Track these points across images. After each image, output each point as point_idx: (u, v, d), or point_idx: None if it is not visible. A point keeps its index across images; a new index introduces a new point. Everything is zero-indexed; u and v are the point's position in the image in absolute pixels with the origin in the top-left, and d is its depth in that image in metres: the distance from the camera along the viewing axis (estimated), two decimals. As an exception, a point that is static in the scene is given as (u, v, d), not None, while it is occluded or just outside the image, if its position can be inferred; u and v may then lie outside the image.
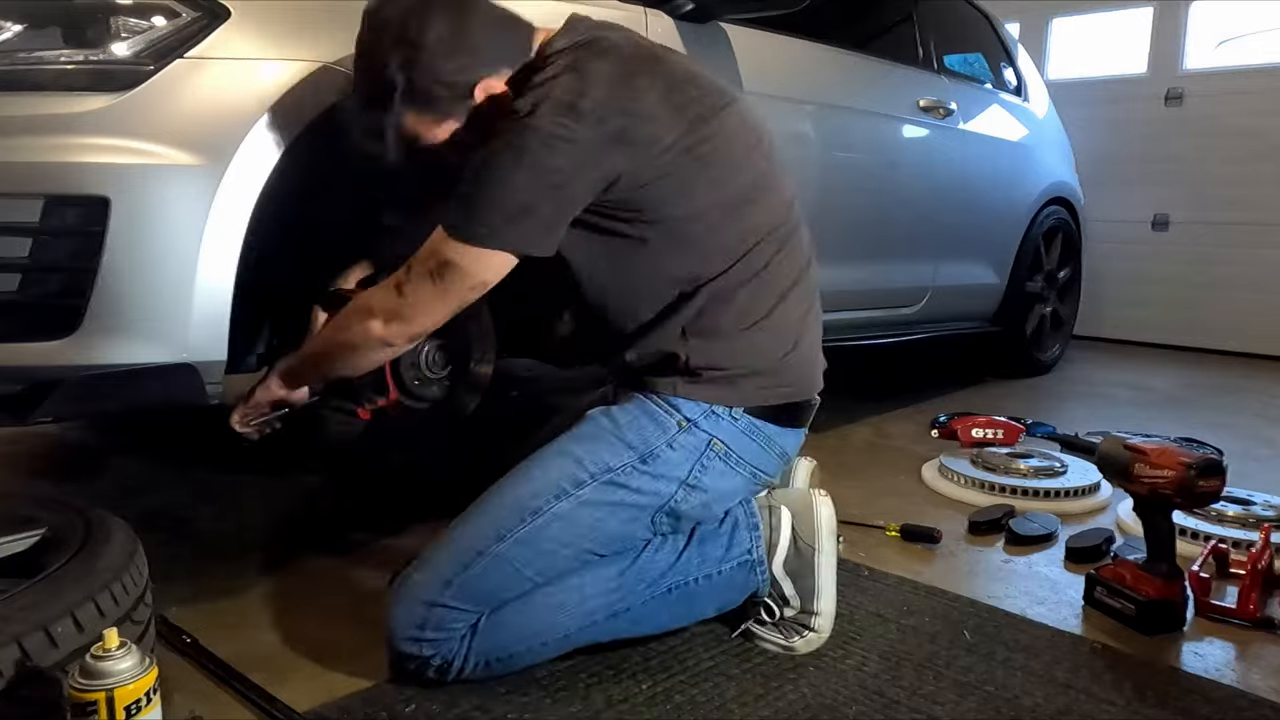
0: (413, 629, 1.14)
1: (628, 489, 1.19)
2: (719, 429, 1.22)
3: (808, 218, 1.38)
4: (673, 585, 1.24)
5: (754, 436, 1.25)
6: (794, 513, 1.32)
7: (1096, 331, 4.91)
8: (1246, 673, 1.31)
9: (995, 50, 3.56)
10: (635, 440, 1.20)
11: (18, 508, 1.19)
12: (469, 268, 1.14)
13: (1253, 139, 4.41)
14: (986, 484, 2.08)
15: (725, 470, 1.23)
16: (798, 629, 1.31)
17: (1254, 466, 2.41)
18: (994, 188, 3.22)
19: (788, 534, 1.31)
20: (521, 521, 1.16)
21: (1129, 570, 1.45)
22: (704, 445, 1.21)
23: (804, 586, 1.30)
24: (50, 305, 1.20)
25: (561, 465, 1.19)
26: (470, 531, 1.17)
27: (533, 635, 1.18)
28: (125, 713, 0.88)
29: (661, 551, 1.24)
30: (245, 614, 1.39)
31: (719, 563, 1.26)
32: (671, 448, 1.20)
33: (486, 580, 1.15)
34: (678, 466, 1.20)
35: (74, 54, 1.21)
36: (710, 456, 1.22)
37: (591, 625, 1.20)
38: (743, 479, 1.26)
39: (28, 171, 1.16)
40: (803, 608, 1.30)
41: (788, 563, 1.30)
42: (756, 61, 2.18)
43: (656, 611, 1.24)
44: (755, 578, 1.29)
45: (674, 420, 1.20)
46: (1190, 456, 1.38)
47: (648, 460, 1.19)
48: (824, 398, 1.39)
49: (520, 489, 1.18)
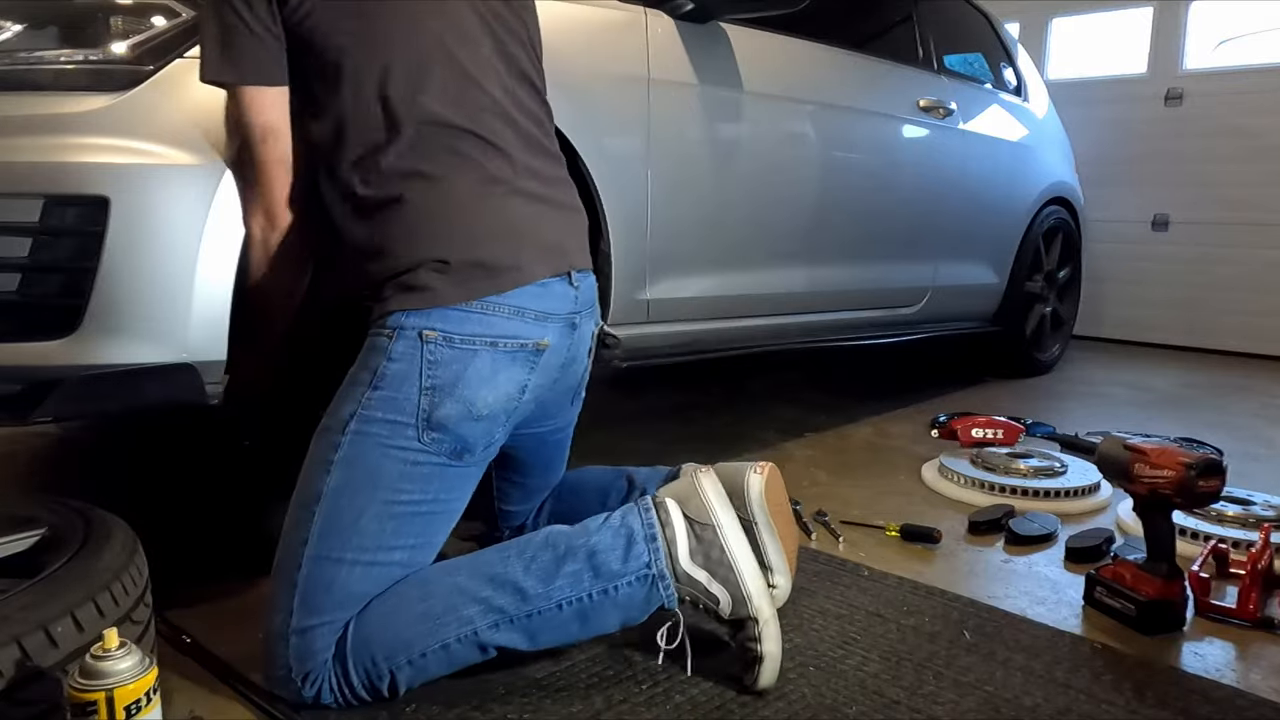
0: (282, 668, 1.11)
1: (376, 420, 1.15)
2: (423, 320, 1.17)
3: (808, 218, 1.38)
4: (564, 601, 1.16)
5: (468, 309, 1.18)
6: (679, 499, 1.23)
7: (1096, 331, 4.91)
8: (1246, 673, 1.31)
9: (995, 50, 3.56)
10: (363, 375, 1.17)
11: (18, 508, 1.20)
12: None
13: (1253, 139, 4.41)
14: (986, 484, 2.08)
15: (456, 354, 1.17)
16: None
17: (1254, 466, 2.41)
18: (994, 188, 3.22)
19: (681, 523, 1.20)
20: (313, 514, 1.13)
21: (1129, 570, 1.45)
22: (416, 340, 1.16)
23: (723, 575, 1.19)
24: (50, 305, 1.20)
25: (319, 442, 1.17)
26: (283, 553, 1.15)
27: (407, 647, 1.13)
28: (125, 713, 0.88)
29: (540, 558, 1.18)
30: (245, 614, 1.39)
31: (615, 577, 1.17)
32: (391, 359, 1.16)
33: (319, 585, 1.11)
34: (406, 375, 1.15)
35: (74, 54, 1.21)
36: (430, 349, 1.16)
37: (472, 635, 1.14)
38: (485, 354, 1.18)
39: (28, 171, 1.17)
40: (734, 597, 1.19)
41: (694, 554, 1.20)
42: (756, 61, 2.18)
43: (549, 626, 1.17)
44: (659, 593, 1.19)
45: (385, 335, 1.17)
46: (1190, 456, 1.38)
47: (378, 385, 1.15)
48: (824, 398, 1.38)
49: (299, 489, 1.17)
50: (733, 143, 2.17)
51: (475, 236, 1.20)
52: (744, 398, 3.15)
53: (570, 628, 1.18)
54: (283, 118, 1.21)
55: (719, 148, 2.14)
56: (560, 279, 1.26)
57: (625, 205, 1.90)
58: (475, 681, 1.19)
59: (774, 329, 2.42)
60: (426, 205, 1.19)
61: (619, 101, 1.89)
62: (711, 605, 1.19)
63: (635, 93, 1.91)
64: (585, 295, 1.31)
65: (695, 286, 2.13)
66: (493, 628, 1.15)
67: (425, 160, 1.20)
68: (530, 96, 1.35)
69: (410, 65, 1.21)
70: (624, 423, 1.55)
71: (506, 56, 1.31)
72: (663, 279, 2.03)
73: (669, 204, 2.01)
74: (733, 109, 2.15)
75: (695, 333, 2.19)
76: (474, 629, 1.14)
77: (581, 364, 1.36)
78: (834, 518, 1.88)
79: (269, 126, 1.20)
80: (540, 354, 1.24)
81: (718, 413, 2.91)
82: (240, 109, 1.20)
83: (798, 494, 2.02)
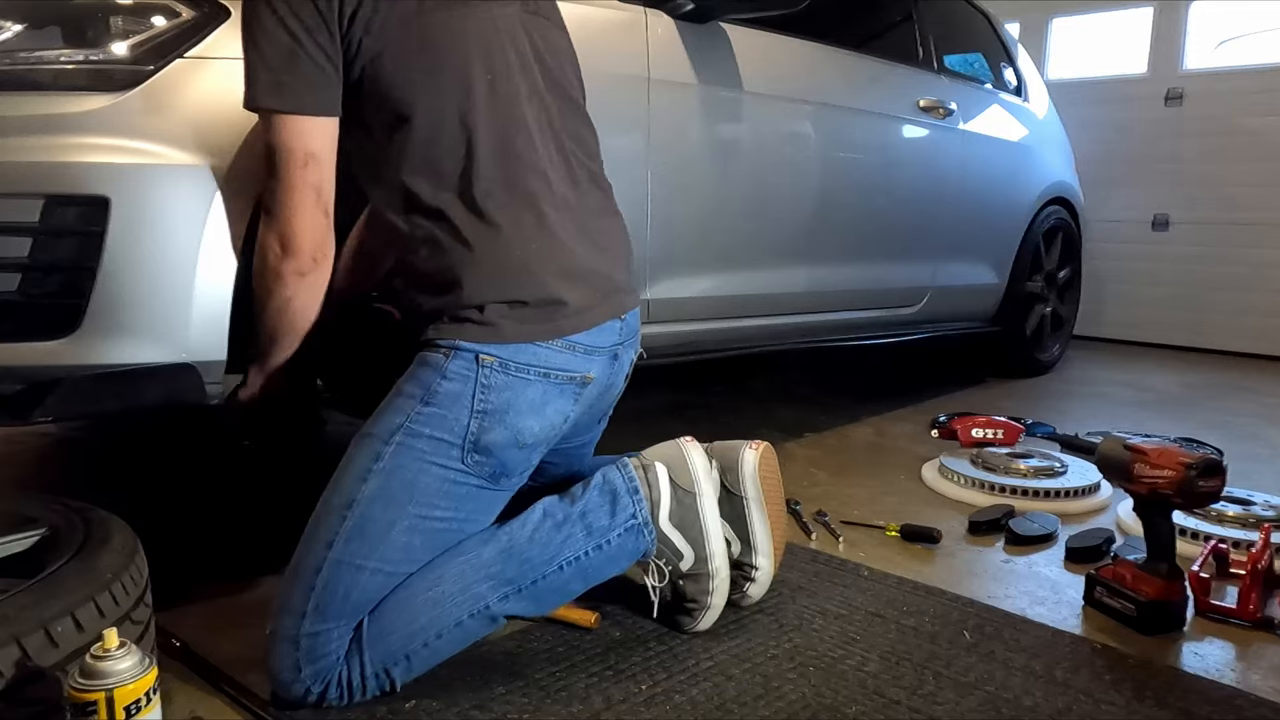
0: (290, 670, 1.10)
1: (422, 436, 1.15)
2: (481, 344, 1.18)
3: (808, 218, 1.39)
4: (564, 562, 1.24)
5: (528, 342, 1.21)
6: (669, 465, 1.34)
7: (1096, 331, 4.91)
8: (1246, 673, 1.31)
9: (995, 50, 3.56)
10: (414, 389, 1.17)
11: (18, 508, 1.19)
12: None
13: (1253, 139, 4.41)
14: (986, 484, 2.08)
15: (510, 381, 1.18)
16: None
17: (1254, 466, 2.41)
18: (994, 188, 3.22)
19: (667, 488, 1.32)
20: (342, 519, 1.13)
21: (1129, 570, 1.45)
22: (473, 363, 1.16)
23: (692, 536, 1.32)
24: (50, 305, 1.20)
25: (360, 448, 1.17)
26: (304, 553, 1.14)
27: (423, 631, 1.15)
28: (125, 713, 0.88)
29: (541, 529, 1.24)
30: (245, 614, 1.39)
31: (606, 532, 1.27)
32: (446, 378, 1.16)
33: (337, 590, 1.11)
34: (459, 395, 1.16)
35: (74, 54, 1.21)
36: (486, 373, 1.17)
37: (484, 611, 1.19)
38: (537, 384, 1.20)
39: (28, 171, 1.16)
40: (697, 555, 1.32)
41: (672, 515, 1.32)
42: (756, 62, 2.18)
43: (553, 589, 1.24)
44: (644, 540, 1.30)
45: (440, 353, 1.18)
46: (1190, 456, 1.38)
47: (429, 401, 1.15)
48: (824, 398, 1.39)
49: (332, 491, 1.16)
50: (733, 143, 2.17)
51: (542, 281, 1.21)
52: (744, 398, 3.15)
53: (572, 586, 1.26)
54: (327, 147, 1.18)
55: (719, 148, 2.14)
56: (611, 317, 1.29)
57: (625, 205, 1.87)
58: (475, 681, 1.20)
59: (774, 329, 2.43)
60: (495, 247, 1.19)
61: (619, 101, 1.88)
62: (675, 560, 1.32)
63: (635, 93, 1.91)
64: (630, 327, 1.34)
65: (695, 286, 2.13)
66: (503, 599, 1.20)
67: (495, 201, 1.19)
68: (584, 126, 1.36)
69: (482, 104, 1.20)
70: (624, 423, 1.55)
71: (558, 87, 1.32)
72: (663, 279, 2.03)
73: (669, 204, 2.01)
74: (733, 109, 2.15)
75: (695, 333, 2.19)
76: (485, 603, 1.19)
77: (617, 389, 1.39)
78: (834, 518, 1.88)
79: (312, 153, 1.17)
80: (585, 386, 1.27)
81: (718, 413, 2.91)
82: (286, 134, 1.15)
83: (798, 494, 2.02)
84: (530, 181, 1.23)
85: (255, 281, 1.24)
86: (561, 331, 1.21)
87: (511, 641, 1.31)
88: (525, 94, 1.26)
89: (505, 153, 1.22)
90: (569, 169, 1.30)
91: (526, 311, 1.19)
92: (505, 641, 1.31)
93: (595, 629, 1.35)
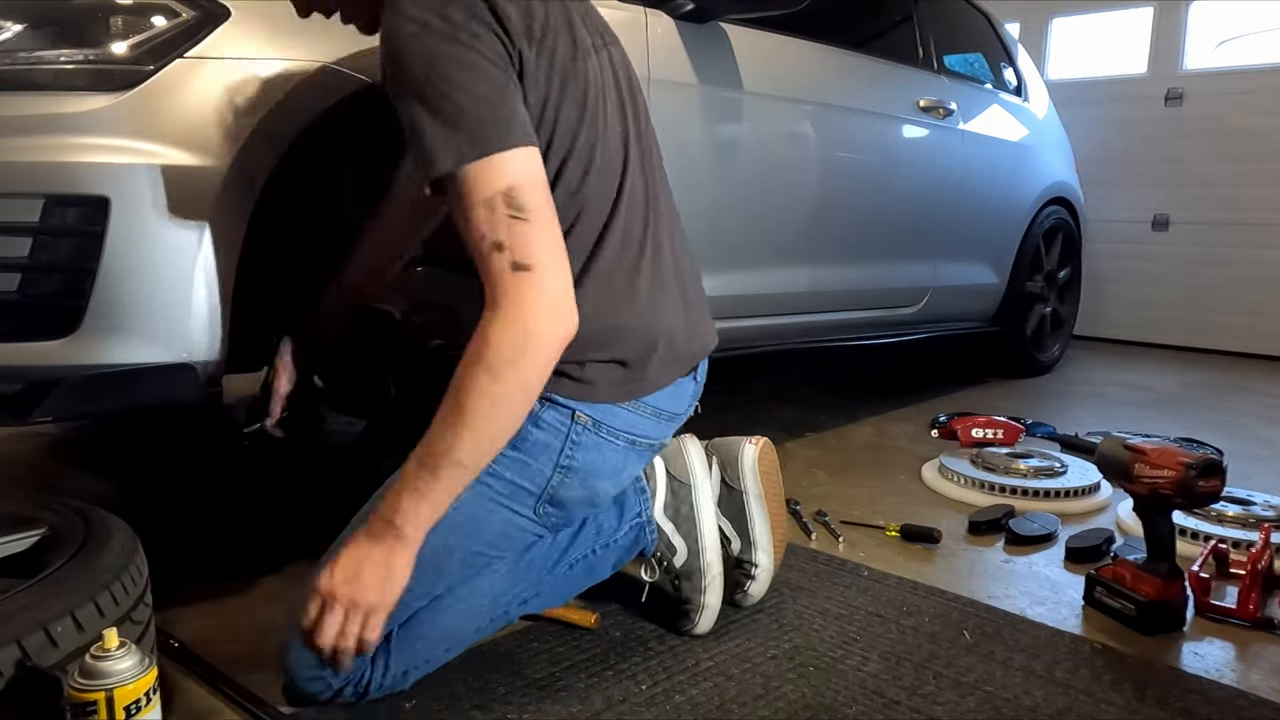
0: (313, 669, 1.09)
1: (501, 478, 1.13)
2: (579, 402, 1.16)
3: (809, 218, 1.38)
4: (574, 561, 1.27)
5: (621, 405, 1.20)
6: (666, 459, 1.37)
7: (1096, 331, 4.91)
8: (1246, 673, 1.31)
9: (995, 50, 3.56)
10: None
11: (18, 508, 1.19)
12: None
13: (1253, 139, 4.41)
14: (986, 484, 2.08)
15: (598, 442, 1.17)
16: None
17: (1254, 466, 2.41)
18: (994, 188, 3.22)
19: (663, 479, 1.35)
20: None
21: (1129, 570, 1.45)
22: (568, 419, 1.15)
23: (686, 529, 1.34)
24: (50, 305, 1.20)
25: None
26: None
27: (449, 639, 1.17)
28: (125, 713, 0.88)
29: (557, 539, 1.26)
30: (245, 614, 1.39)
31: (614, 532, 1.30)
32: (538, 426, 1.13)
33: None
34: (547, 446, 1.14)
35: (74, 54, 1.20)
36: (579, 430, 1.15)
37: (503, 615, 1.23)
38: (621, 449, 1.20)
39: (28, 171, 1.16)
40: (690, 549, 1.34)
41: (667, 507, 1.35)
42: (757, 62, 2.18)
43: (561, 587, 1.28)
44: (646, 536, 1.33)
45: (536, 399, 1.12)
46: (1190, 456, 1.38)
47: (516, 445, 1.11)
48: (824, 398, 1.40)
49: None
50: (733, 143, 2.17)
51: (651, 341, 1.18)
52: (744, 398, 3.15)
53: (579, 581, 1.30)
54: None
55: (719, 148, 2.14)
56: (689, 376, 1.28)
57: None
58: (475, 681, 1.20)
59: (774, 329, 2.42)
60: (601, 305, 1.13)
61: (619, 101, 1.88)
62: (669, 554, 1.34)
63: (635, 93, 1.91)
64: (700, 381, 1.33)
65: (695, 286, 2.12)
66: (522, 604, 1.24)
67: (604, 259, 1.15)
68: (665, 175, 1.31)
69: (606, 161, 1.16)
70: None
71: (646, 138, 1.27)
72: (663, 279, 2.03)
73: (669, 204, 2.00)
74: (733, 109, 2.15)
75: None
76: (506, 610, 1.22)
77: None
78: (834, 518, 1.88)
79: (543, 181, 1.04)
80: (656, 449, 1.29)
81: (718, 413, 2.91)
82: (525, 165, 1.01)
83: (798, 494, 2.02)
84: (660, 235, 1.21)
85: (474, 371, 1.00)
86: (647, 390, 1.19)
87: (511, 641, 1.31)
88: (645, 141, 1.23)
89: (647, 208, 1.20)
90: (674, 218, 1.28)
91: (624, 373, 1.18)
92: (505, 641, 1.31)
93: (595, 629, 1.35)
